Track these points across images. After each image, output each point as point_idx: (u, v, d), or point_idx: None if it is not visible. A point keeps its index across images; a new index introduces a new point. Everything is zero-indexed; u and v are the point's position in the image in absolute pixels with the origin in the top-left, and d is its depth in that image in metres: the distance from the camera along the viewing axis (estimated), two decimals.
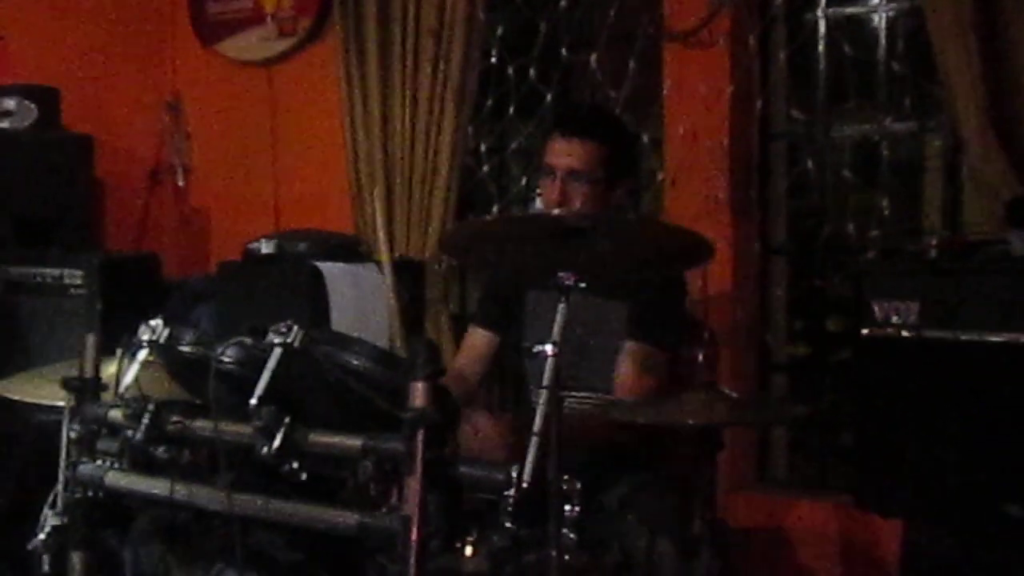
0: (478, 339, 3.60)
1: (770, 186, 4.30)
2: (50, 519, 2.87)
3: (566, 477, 2.34)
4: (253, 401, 2.46)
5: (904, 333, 2.78)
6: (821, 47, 4.17)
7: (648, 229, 2.93)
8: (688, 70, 4.23)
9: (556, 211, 3.06)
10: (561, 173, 3.29)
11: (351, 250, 4.51)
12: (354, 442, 2.42)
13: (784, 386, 4.38)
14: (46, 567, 2.87)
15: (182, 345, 2.80)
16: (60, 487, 2.87)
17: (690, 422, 2.75)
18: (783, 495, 4.19)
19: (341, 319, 4.19)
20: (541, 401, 2.32)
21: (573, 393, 3.18)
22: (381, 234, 4.68)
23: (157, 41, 5.71)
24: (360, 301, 4.30)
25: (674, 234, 2.60)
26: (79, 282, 4.39)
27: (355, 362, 2.51)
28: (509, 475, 2.31)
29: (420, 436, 2.25)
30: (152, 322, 2.82)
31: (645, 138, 4.45)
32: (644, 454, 3.32)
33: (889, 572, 3.23)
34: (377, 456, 2.38)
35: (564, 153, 3.30)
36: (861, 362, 2.98)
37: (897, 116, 4.05)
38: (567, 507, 2.35)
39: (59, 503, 2.87)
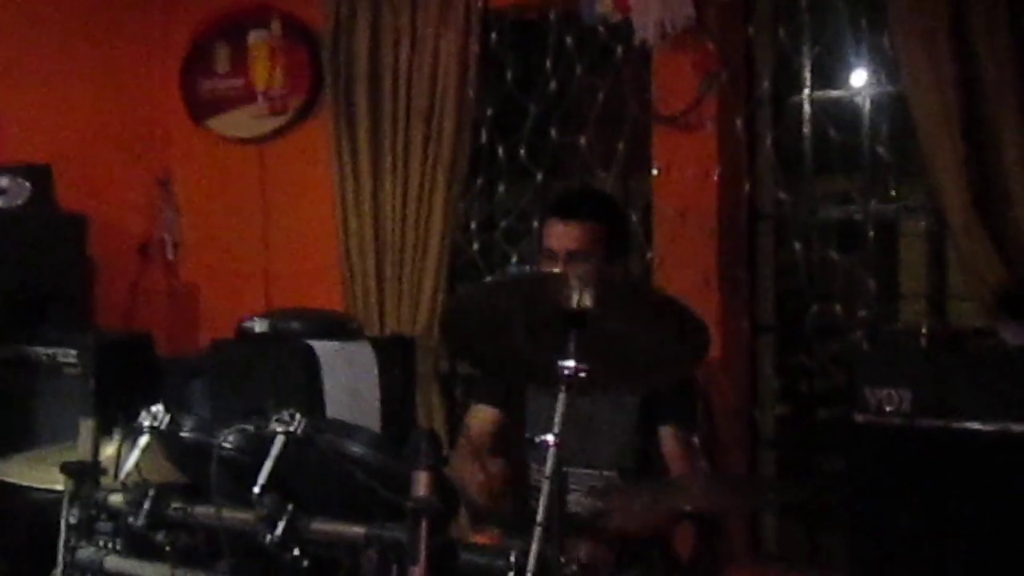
0: (485, 417, 3.64)
1: (758, 265, 4.36)
2: None
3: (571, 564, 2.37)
4: (256, 489, 2.48)
5: (896, 421, 2.84)
6: (807, 128, 4.24)
7: (653, 299, 2.93)
8: (677, 151, 4.30)
9: (559, 270, 3.11)
10: (562, 255, 3.37)
11: (343, 328, 4.53)
12: (357, 530, 2.44)
13: (772, 460, 4.42)
14: None
15: (183, 431, 2.82)
16: (59, 571, 2.87)
17: (687, 509, 2.78)
18: (776, 569, 4.21)
19: (334, 398, 4.20)
20: (544, 490, 2.34)
21: (579, 470, 3.22)
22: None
23: (149, 118, 5.76)
24: (353, 379, 4.32)
25: (677, 308, 2.60)
26: (73, 361, 4.40)
27: (357, 450, 2.53)
28: (509, 561, 2.34)
29: (424, 525, 2.28)
30: (154, 408, 2.84)
31: (634, 218, 4.52)
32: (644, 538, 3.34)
33: None
34: (380, 544, 2.40)
35: (564, 235, 3.39)
36: (854, 445, 3.03)
37: (881, 198, 4.12)
38: None
39: None
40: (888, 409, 2.84)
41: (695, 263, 4.24)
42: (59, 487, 2.96)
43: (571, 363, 2.46)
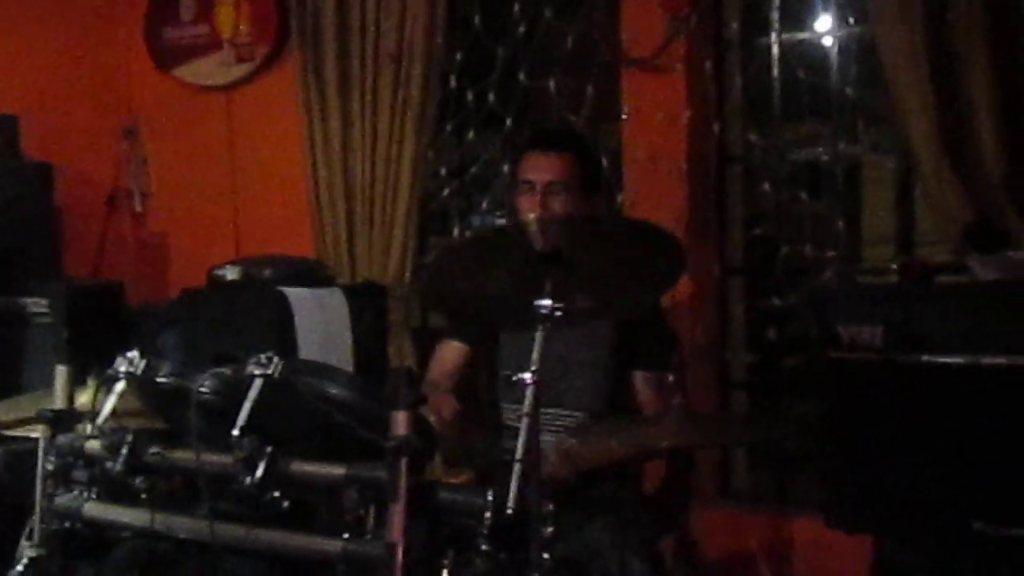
0: (450, 351, 3.66)
1: (727, 207, 4.38)
2: (27, 551, 2.85)
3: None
4: (235, 432, 2.48)
5: (869, 356, 2.86)
6: (776, 71, 4.25)
7: (629, 227, 2.94)
8: (646, 95, 4.31)
9: (532, 215, 3.11)
10: (541, 186, 3.41)
11: (315, 275, 4.54)
12: (337, 471, 2.45)
13: (743, 401, 4.46)
14: None
15: (159, 376, 2.82)
16: (36, 519, 2.87)
17: (663, 445, 2.80)
18: (746, 510, 4.25)
19: (307, 344, 4.22)
20: (522, 428, 2.36)
21: (551, 410, 3.24)
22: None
23: (114, 67, 5.72)
24: (325, 326, 4.33)
25: (654, 233, 2.62)
26: (44, 310, 4.39)
27: (336, 392, 2.55)
28: (487, 500, 2.36)
29: (403, 464, 2.29)
30: (129, 354, 2.84)
31: (604, 162, 4.52)
32: (614, 474, 3.38)
33: None
34: (360, 484, 2.42)
35: (543, 167, 3.43)
36: (827, 383, 3.05)
37: (850, 138, 4.14)
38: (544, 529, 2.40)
39: (35, 535, 2.87)
40: (861, 345, 2.88)
41: (665, 206, 4.25)
42: (35, 435, 2.96)
43: (548, 302, 2.48)
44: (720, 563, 4.07)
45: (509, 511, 2.29)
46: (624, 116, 4.38)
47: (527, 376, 2.39)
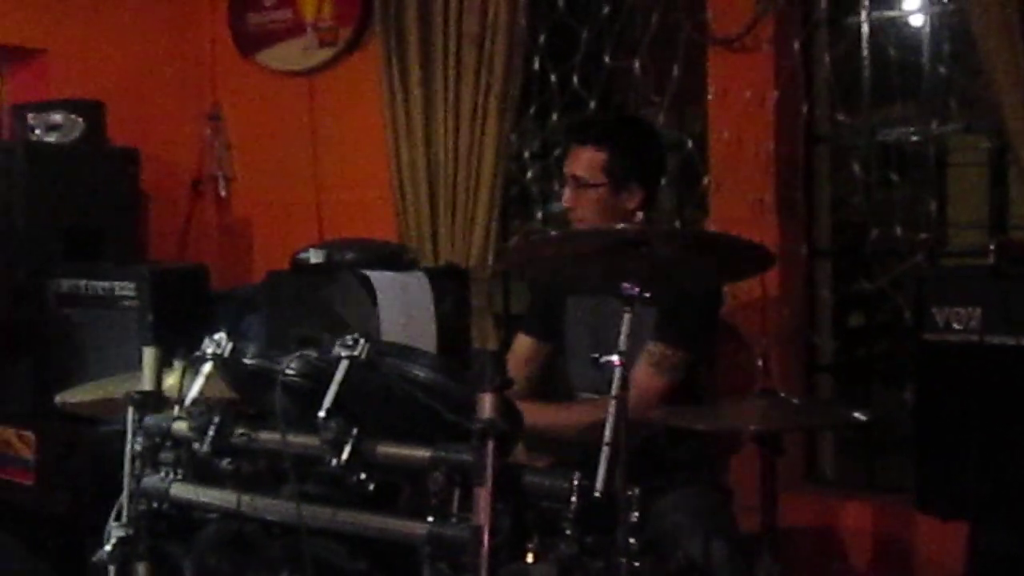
0: (523, 346, 3.67)
1: (815, 189, 4.31)
2: (115, 531, 2.88)
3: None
4: (321, 413, 2.48)
5: (966, 338, 2.80)
6: (865, 50, 4.18)
7: (705, 241, 2.95)
8: (732, 75, 4.25)
9: (620, 226, 3.06)
10: (569, 179, 3.40)
11: (398, 258, 4.53)
12: (423, 453, 2.44)
13: (829, 386, 4.39)
14: None
15: (246, 358, 2.83)
16: (124, 499, 2.90)
17: (752, 428, 2.77)
18: (833, 495, 4.19)
19: (390, 328, 4.21)
20: (610, 411, 2.34)
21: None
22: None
23: (198, 53, 5.76)
24: (408, 309, 4.32)
25: (733, 244, 2.62)
26: (130, 294, 4.42)
27: (421, 373, 2.53)
28: (572, 483, 2.34)
29: (490, 446, 2.27)
30: (216, 335, 2.85)
31: (690, 143, 4.48)
32: (697, 459, 3.34)
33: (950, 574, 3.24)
34: (446, 467, 2.40)
35: (570, 161, 3.43)
36: (921, 366, 3.00)
37: (942, 118, 4.06)
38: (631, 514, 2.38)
39: (124, 515, 2.90)
40: (957, 327, 2.81)
41: (751, 188, 4.20)
42: (122, 418, 2.99)
43: (635, 287, 2.46)
44: (807, 549, 4.01)
45: (597, 494, 2.27)
46: (710, 97, 4.31)
47: (614, 358, 2.36)
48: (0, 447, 4.45)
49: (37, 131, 4.96)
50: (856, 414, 2.85)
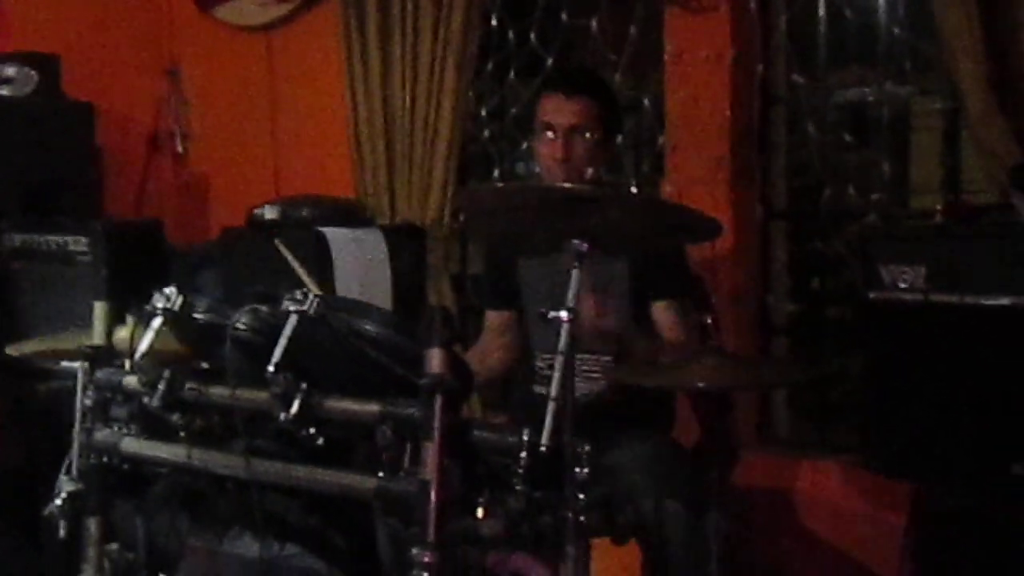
0: (491, 320, 3.72)
1: (770, 150, 4.32)
2: (65, 485, 2.87)
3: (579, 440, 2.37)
4: (270, 368, 2.48)
5: (911, 297, 2.82)
6: (822, 11, 4.18)
7: (658, 208, 2.97)
8: (689, 35, 4.25)
9: (568, 185, 3.07)
10: (563, 130, 3.36)
11: (354, 215, 4.53)
12: (372, 408, 2.44)
13: (784, 347, 4.42)
14: (62, 532, 2.88)
15: (196, 313, 2.82)
16: (75, 453, 2.89)
17: (700, 385, 2.78)
18: (786, 455, 4.23)
19: (345, 284, 4.21)
20: (557, 367, 2.34)
21: (580, 356, 3.22)
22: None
23: (155, 6, 5.72)
24: (364, 266, 4.32)
25: (683, 213, 2.63)
26: (84, 249, 4.39)
27: (371, 329, 2.53)
28: (522, 439, 2.34)
29: (438, 402, 2.28)
30: (167, 290, 2.84)
31: (646, 102, 4.48)
32: (651, 416, 3.37)
33: (895, 532, 3.27)
34: (395, 422, 2.40)
35: (565, 111, 3.38)
36: (868, 325, 3.02)
37: (897, 80, 4.07)
38: (578, 469, 2.39)
39: (74, 469, 2.89)
40: (902, 286, 2.83)
41: (707, 148, 4.20)
42: (74, 367, 2.97)
43: (583, 243, 2.46)
44: (759, 509, 4.04)
45: (543, 448, 2.28)
46: (666, 57, 4.31)
47: (563, 314, 2.36)
48: None
49: None
50: (804, 372, 2.86)
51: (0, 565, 4.14)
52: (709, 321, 3.08)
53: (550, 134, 3.38)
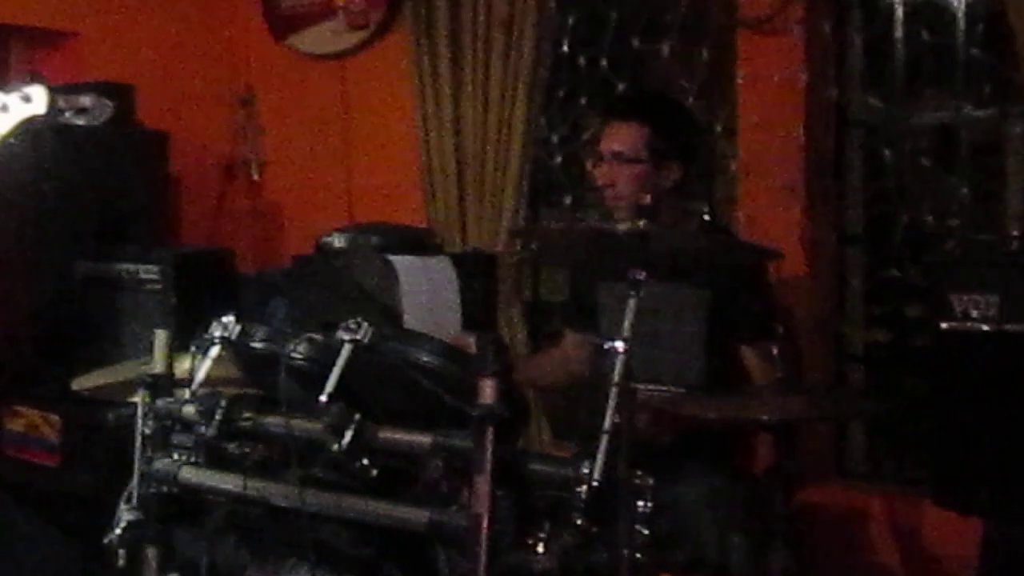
0: (569, 339, 3.73)
1: (846, 175, 4.23)
2: (125, 514, 2.87)
3: (639, 473, 2.31)
4: (323, 398, 2.45)
5: (984, 327, 2.72)
6: (898, 33, 4.09)
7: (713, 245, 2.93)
8: (762, 58, 4.18)
9: (623, 227, 3.01)
10: (608, 156, 3.35)
11: (423, 243, 4.51)
12: (423, 439, 2.41)
13: (861, 376, 4.32)
14: (121, 561, 2.87)
15: (253, 341, 2.81)
16: (135, 482, 2.88)
17: (764, 417, 2.71)
18: (857, 487, 4.12)
19: (414, 312, 4.18)
20: (611, 397, 2.29)
21: (642, 386, 3.15)
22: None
23: (230, 36, 5.75)
24: (433, 294, 4.29)
25: (739, 247, 2.59)
26: (154, 277, 4.42)
27: (424, 359, 2.50)
28: (579, 471, 2.29)
29: (489, 433, 2.23)
30: (224, 319, 2.83)
31: (719, 127, 4.41)
32: (717, 448, 3.29)
33: (966, 569, 3.16)
34: (446, 453, 2.37)
35: (609, 137, 3.39)
36: (939, 356, 2.92)
37: (977, 103, 3.97)
38: (639, 503, 2.33)
39: (134, 498, 2.88)
40: (975, 315, 2.73)
41: (780, 173, 4.12)
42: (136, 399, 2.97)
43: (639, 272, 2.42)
44: (828, 541, 3.94)
45: (595, 483, 2.22)
46: (739, 81, 4.25)
47: (619, 344, 2.31)
48: (26, 429, 4.45)
49: (67, 114, 4.95)
50: (872, 404, 2.77)
51: None
52: (775, 351, 3.00)
53: (599, 162, 3.38)
